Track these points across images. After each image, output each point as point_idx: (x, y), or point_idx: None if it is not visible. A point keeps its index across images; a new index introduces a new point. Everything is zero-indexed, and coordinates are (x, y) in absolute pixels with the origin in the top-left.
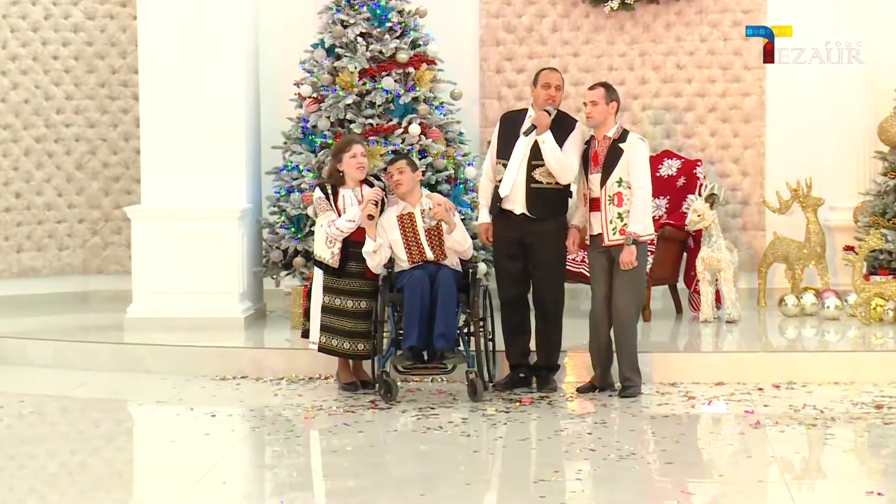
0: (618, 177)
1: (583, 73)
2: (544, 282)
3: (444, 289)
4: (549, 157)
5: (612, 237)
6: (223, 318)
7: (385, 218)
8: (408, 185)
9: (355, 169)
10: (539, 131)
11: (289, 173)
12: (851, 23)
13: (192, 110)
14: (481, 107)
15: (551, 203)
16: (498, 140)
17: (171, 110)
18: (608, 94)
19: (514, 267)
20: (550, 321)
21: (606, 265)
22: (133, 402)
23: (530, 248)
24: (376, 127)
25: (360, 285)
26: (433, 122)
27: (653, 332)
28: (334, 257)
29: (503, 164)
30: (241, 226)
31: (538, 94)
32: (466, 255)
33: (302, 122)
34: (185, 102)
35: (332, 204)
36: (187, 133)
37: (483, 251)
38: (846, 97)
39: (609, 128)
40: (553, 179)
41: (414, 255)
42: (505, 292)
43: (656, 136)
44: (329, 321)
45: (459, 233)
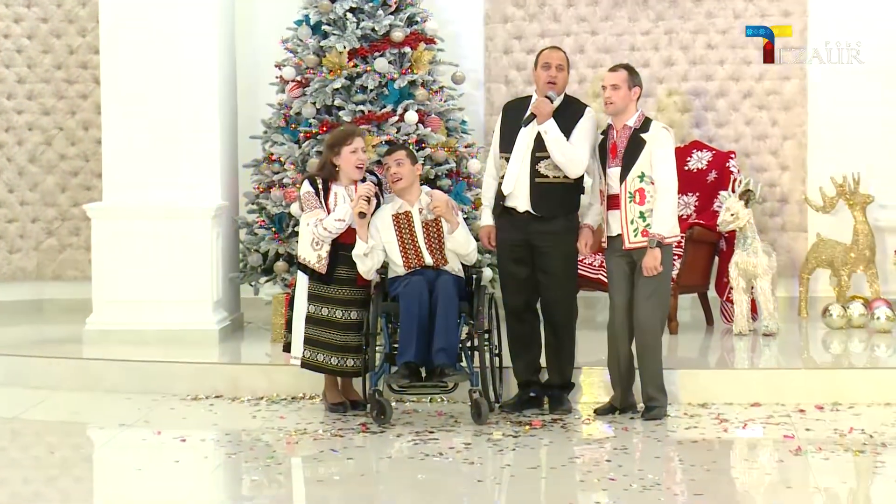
0: (639, 171)
1: (601, 54)
2: (554, 289)
3: (445, 297)
4: (553, 148)
5: (634, 239)
6: (195, 329)
7: (379, 217)
8: (407, 180)
9: (354, 166)
10: (539, 120)
11: (269, 166)
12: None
13: (160, 96)
14: (486, 92)
15: (559, 199)
16: (500, 132)
17: (136, 96)
18: (630, 78)
19: (521, 272)
20: (562, 334)
21: (627, 271)
22: (93, 425)
23: (537, 251)
24: (368, 114)
25: (350, 293)
26: (432, 108)
27: (680, 347)
28: (321, 261)
29: (506, 158)
30: (215, 226)
31: (538, 77)
32: (470, 259)
33: (284, 109)
34: (152, 87)
35: (321, 201)
36: (155, 121)
37: (489, 255)
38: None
39: (630, 115)
40: (560, 173)
41: (411, 259)
42: (511, 301)
43: (684, 124)
44: (314, 334)
45: (462, 233)
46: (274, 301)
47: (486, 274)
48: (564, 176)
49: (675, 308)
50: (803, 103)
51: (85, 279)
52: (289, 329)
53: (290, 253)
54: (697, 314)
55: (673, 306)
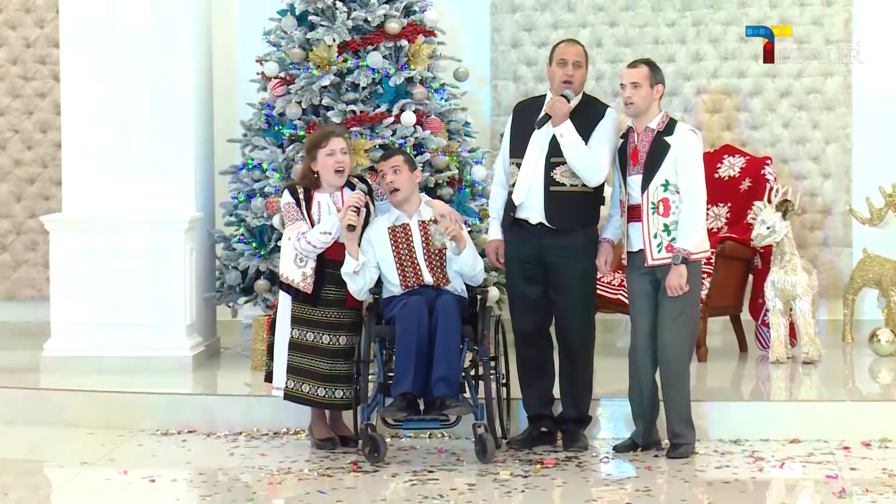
0: (663, 179)
1: (621, 48)
2: (570, 311)
3: (446, 320)
4: (569, 153)
5: (658, 255)
6: (166, 356)
7: (373, 230)
8: (406, 189)
9: (332, 171)
10: (555, 122)
11: (249, 174)
12: None
13: (127, 94)
14: (493, 90)
15: (576, 210)
16: (511, 136)
17: (100, 94)
18: (653, 75)
19: (532, 292)
20: (578, 361)
21: (650, 290)
22: (52, 463)
23: (551, 268)
24: (360, 115)
25: (339, 316)
26: (432, 109)
27: (710, 376)
28: (306, 280)
29: (517, 164)
30: (188, 240)
31: (553, 74)
32: (476, 280)
33: (266, 109)
34: (118, 84)
35: (303, 212)
36: (121, 123)
37: (495, 273)
38: None
39: (653, 117)
40: (577, 181)
41: (409, 277)
42: (521, 324)
43: (714, 127)
44: (299, 361)
45: (469, 253)
46: (254, 324)
47: (493, 293)
48: (582, 184)
49: (704, 332)
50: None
51: (42, 299)
52: (270, 356)
53: (273, 270)
54: (729, 339)
55: (702, 330)
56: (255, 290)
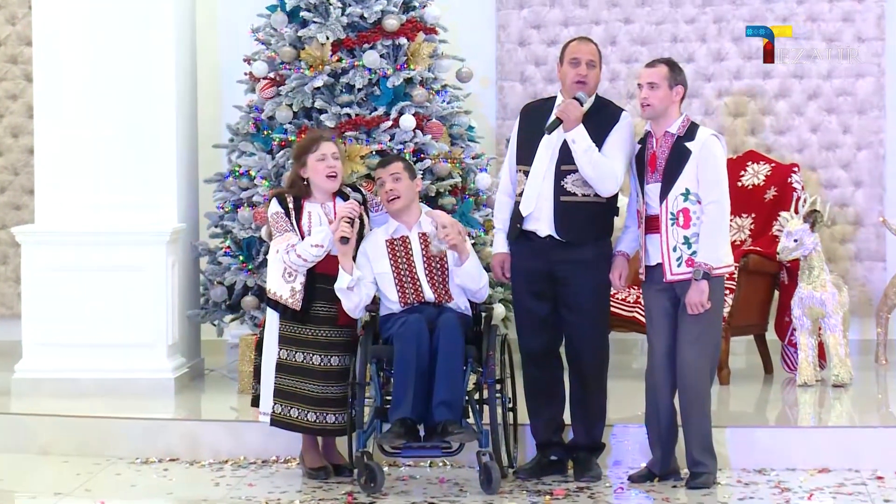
0: (683, 187)
1: (637, 47)
2: (581, 329)
3: (448, 339)
4: (582, 160)
5: (677, 270)
6: (146, 379)
7: (369, 243)
8: (405, 198)
9: (324, 176)
10: (566, 126)
11: (236, 182)
12: None
13: (104, 96)
14: (499, 91)
15: (589, 222)
16: (518, 141)
17: (76, 96)
18: (672, 75)
19: (541, 309)
20: (591, 384)
21: (669, 308)
22: (23, 494)
23: (561, 284)
24: (355, 119)
25: (331, 335)
26: (433, 112)
27: (732, 400)
28: (295, 296)
29: (525, 171)
30: (170, 253)
31: (565, 75)
32: (480, 295)
33: (254, 113)
34: (94, 85)
35: (293, 223)
36: (98, 128)
37: (500, 288)
38: None
39: (672, 120)
40: (590, 190)
41: (408, 294)
42: (529, 344)
43: (737, 131)
44: (287, 384)
45: (473, 265)
46: (241, 344)
47: (499, 311)
48: (595, 194)
49: (726, 353)
50: (880, 105)
51: (13, 317)
52: (258, 379)
53: (262, 286)
54: (753, 361)
55: (724, 351)
56: (242, 307)
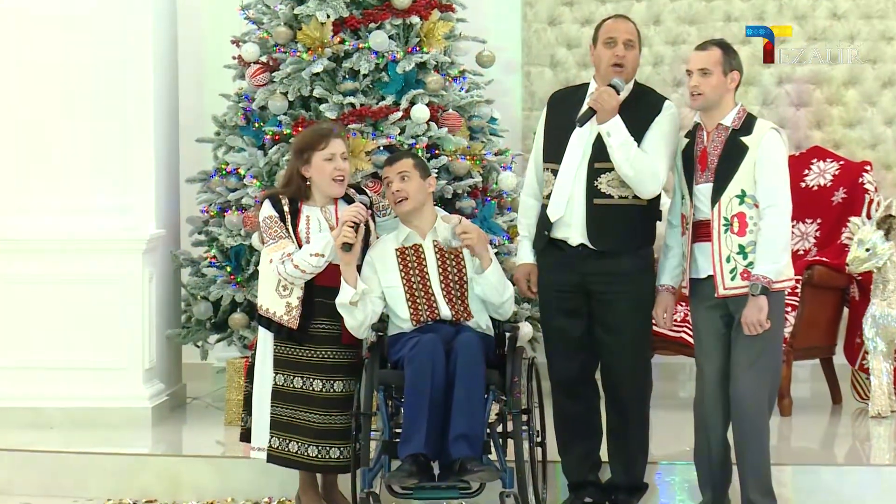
0: (739, 189)
1: (684, 27)
2: (620, 352)
3: (467, 363)
4: (618, 156)
5: (730, 283)
6: (119, 408)
7: (377, 252)
8: (416, 200)
9: (331, 179)
10: (600, 117)
11: (223, 181)
12: None
13: (70, 84)
14: (525, 78)
15: (626, 228)
16: (545, 134)
17: (36, 84)
18: (727, 59)
19: (574, 328)
20: (631, 415)
21: (721, 328)
22: None
23: (597, 300)
24: (360, 109)
25: (333, 356)
26: (449, 101)
27: (795, 434)
28: (291, 312)
29: (553, 170)
30: (147, 263)
31: (599, 58)
32: (504, 311)
33: (244, 102)
34: (59, 73)
35: (288, 228)
36: (62, 120)
37: (527, 305)
38: None
39: (725, 112)
40: (628, 191)
41: (421, 310)
42: (560, 369)
43: (800, 124)
44: (284, 414)
45: (495, 273)
46: (228, 368)
47: (525, 331)
48: (633, 196)
49: (788, 379)
50: None
51: None
52: (248, 409)
53: (252, 301)
54: (819, 388)
55: (785, 377)
56: (229, 325)
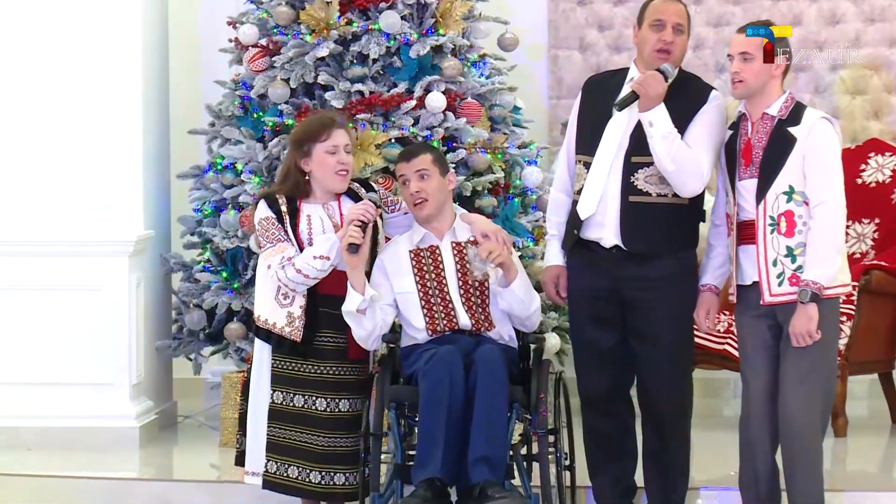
0: (786, 184)
1: (728, 7)
2: (657, 366)
3: (489, 379)
4: (659, 149)
5: (778, 290)
6: (104, 428)
7: (388, 254)
8: (437, 201)
9: (333, 173)
10: (644, 104)
11: (218, 177)
12: None
13: (50, 68)
14: (552, 63)
15: (665, 229)
16: (578, 123)
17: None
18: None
19: (606, 339)
20: (669, 436)
21: (768, 339)
22: None
23: (632, 307)
24: (370, 97)
25: (340, 372)
26: (468, 88)
27: (851, 457)
28: (293, 323)
29: (585, 163)
30: (134, 268)
31: (644, 41)
32: (530, 323)
33: (241, 90)
34: (39, 57)
35: (287, 230)
36: (41, 110)
37: (554, 313)
38: None
39: (772, 100)
40: (667, 188)
41: (438, 320)
42: (591, 384)
43: (856, 114)
44: (283, 436)
45: (521, 286)
46: (224, 384)
47: (552, 342)
48: (673, 193)
49: (842, 397)
50: None
51: None
52: (244, 429)
53: (251, 309)
54: (878, 406)
55: (839, 394)
56: (225, 336)
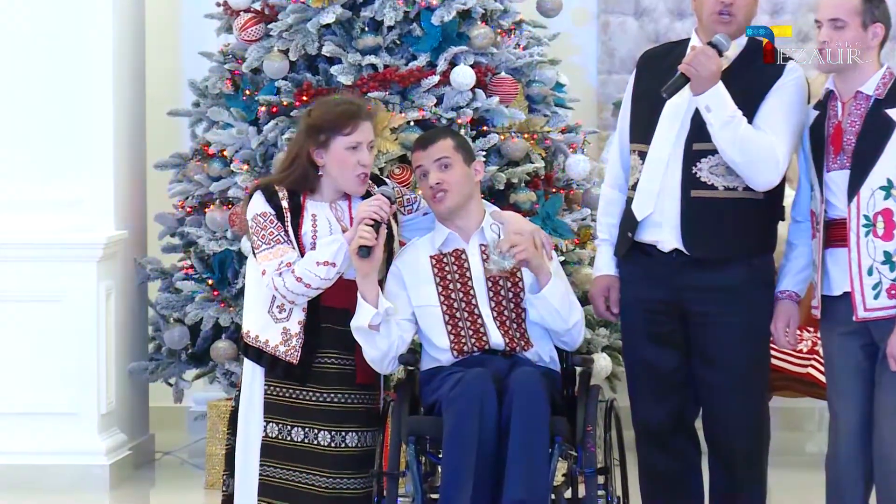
0: (884, 178)
1: None
2: (727, 393)
3: (526, 408)
4: (721, 137)
5: (874, 303)
6: (68, 466)
7: (405, 260)
8: (459, 194)
9: (352, 175)
10: (696, 86)
11: (204, 167)
12: None
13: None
14: (601, 31)
15: (735, 229)
16: (633, 105)
17: None
18: (867, 7)
19: (667, 361)
20: (742, 475)
21: (862, 361)
22: None
23: (697, 323)
24: (384, 72)
25: (347, 400)
26: (501, 62)
27: None
28: (291, 342)
29: (641, 153)
30: (102, 276)
31: (701, 4)
32: (572, 338)
33: (231, 63)
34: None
35: (288, 230)
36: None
37: (604, 330)
38: None
39: (867, 75)
40: (737, 180)
41: (464, 337)
42: (648, 414)
43: None
44: (277, 476)
45: (557, 292)
46: (210, 414)
47: (602, 365)
48: (745, 187)
49: None
50: None
51: None
52: (231, 468)
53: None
54: None
55: None
56: (211, 356)
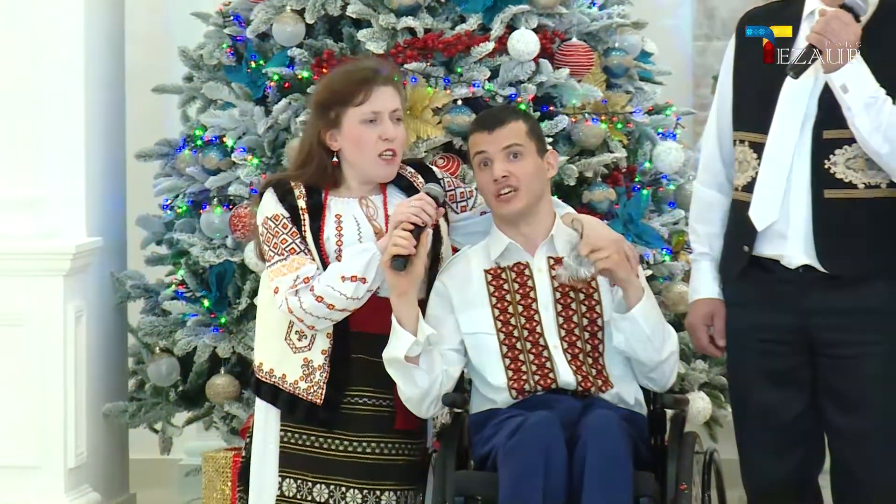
0: None
1: None
2: (866, 444)
3: (604, 460)
4: (861, 124)
5: None
6: None
7: (452, 275)
8: (531, 193)
9: (374, 154)
10: (828, 63)
11: (199, 158)
12: None
13: None
14: None
15: (880, 237)
16: (736, 82)
17: None
18: None
19: (788, 405)
20: None
21: None
22: None
23: (828, 357)
24: (424, 38)
25: (379, 450)
26: (572, 25)
27: None
28: (313, 377)
29: (753, 143)
30: (71, 294)
31: None
32: (661, 376)
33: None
34: None
35: (305, 237)
36: None
37: (703, 363)
38: None
39: None
40: (882, 176)
41: (527, 375)
42: (763, 472)
43: None
44: None
45: (647, 314)
46: (206, 468)
47: (699, 407)
48: (890, 183)
49: None
50: None
51: None
52: None
53: (245, 357)
54: None
55: None
56: (207, 396)
